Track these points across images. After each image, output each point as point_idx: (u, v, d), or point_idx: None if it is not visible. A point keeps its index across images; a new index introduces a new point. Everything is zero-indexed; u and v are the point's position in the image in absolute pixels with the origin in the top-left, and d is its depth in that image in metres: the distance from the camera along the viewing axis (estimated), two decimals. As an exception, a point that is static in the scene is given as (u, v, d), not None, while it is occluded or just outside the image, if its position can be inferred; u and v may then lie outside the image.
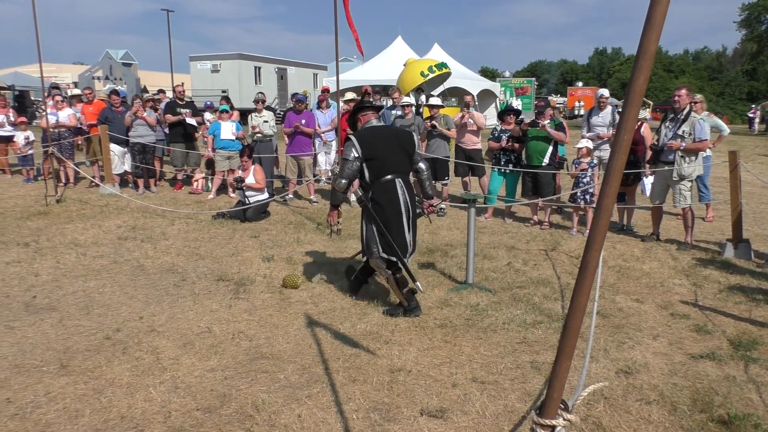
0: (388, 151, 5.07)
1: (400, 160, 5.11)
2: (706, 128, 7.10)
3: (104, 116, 11.05)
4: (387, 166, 5.03)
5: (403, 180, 5.07)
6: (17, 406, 3.49)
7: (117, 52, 48.54)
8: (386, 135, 5.23)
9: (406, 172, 5.18)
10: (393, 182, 5.01)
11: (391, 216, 4.97)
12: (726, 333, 4.68)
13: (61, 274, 6.04)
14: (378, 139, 5.11)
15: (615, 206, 8.37)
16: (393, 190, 5.00)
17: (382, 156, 5.03)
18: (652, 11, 1.23)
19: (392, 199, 4.99)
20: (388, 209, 4.98)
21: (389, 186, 5.01)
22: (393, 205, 4.99)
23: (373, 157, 5.01)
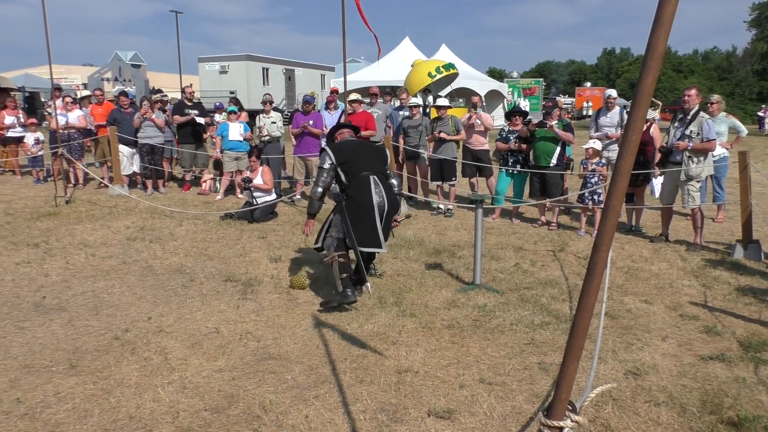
0: (360, 154, 5.44)
1: (374, 162, 5.44)
2: (714, 128, 7.05)
3: (113, 117, 11.11)
4: (361, 166, 5.33)
5: (378, 178, 5.32)
6: (27, 406, 3.51)
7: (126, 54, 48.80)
8: (359, 144, 5.71)
9: (382, 173, 5.42)
10: (367, 178, 5.27)
11: (363, 210, 5.19)
12: (736, 334, 4.65)
13: (70, 275, 6.08)
14: (351, 146, 5.53)
15: (623, 207, 8.35)
16: (367, 185, 5.23)
17: (355, 158, 5.37)
18: (660, 10, 1.23)
19: (365, 193, 5.21)
20: (360, 203, 5.20)
21: (363, 182, 5.25)
22: (365, 200, 5.19)
23: (347, 160, 5.33)
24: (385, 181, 5.41)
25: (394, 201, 5.43)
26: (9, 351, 4.27)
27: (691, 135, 7.00)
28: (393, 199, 5.39)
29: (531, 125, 8.67)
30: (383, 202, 5.25)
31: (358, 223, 5.20)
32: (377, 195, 5.24)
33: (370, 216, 5.19)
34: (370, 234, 5.21)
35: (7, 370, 3.96)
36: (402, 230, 8.15)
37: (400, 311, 5.09)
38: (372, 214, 5.19)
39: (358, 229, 5.18)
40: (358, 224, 5.20)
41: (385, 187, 5.32)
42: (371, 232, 5.21)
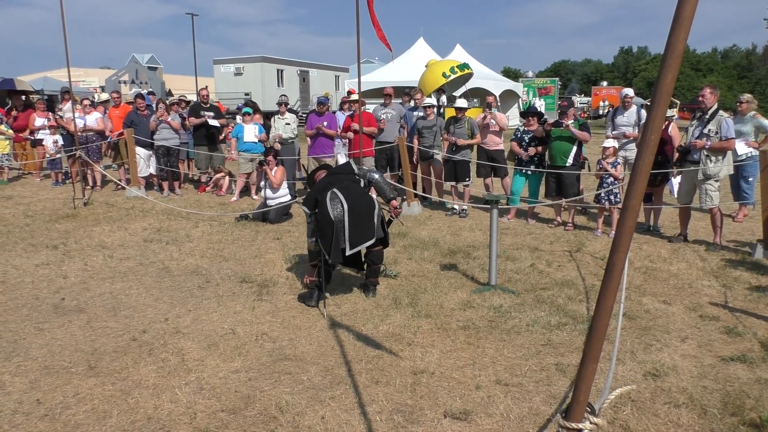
0: (329, 185, 5.45)
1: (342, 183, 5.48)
2: (732, 127, 6.95)
3: (130, 120, 11.21)
4: (324, 191, 5.38)
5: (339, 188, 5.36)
6: (47, 407, 3.55)
7: (143, 56, 49.28)
8: (328, 177, 5.68)
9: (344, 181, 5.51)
10: (324, 199, 5.31)
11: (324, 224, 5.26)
12: (757, 335, 4.58)
13: (88, 276, 6.14)
14: (320, 185, 5.54)
15: (642, 207, 8.27)
16: (324, 204, 5.29)
17: (324, 191, 5.38)
18: (680, 9, 1.21)
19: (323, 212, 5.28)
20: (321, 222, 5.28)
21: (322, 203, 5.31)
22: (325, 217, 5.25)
23: (317, 199, 5.39)
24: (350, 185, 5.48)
25: (362, 200, 5.40)
26: (29, 352, 4.32)
27: (709, 134, 6.92)
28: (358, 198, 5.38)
29: (547, 124, 8.61)
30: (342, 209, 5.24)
31: (324, 236, 5.28)
32: (335, 209, 5.25)
33: (330, 227, 5.22)
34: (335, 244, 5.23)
35: (27, 372, 4.01)
36: (417, 231, 8.14)
37: (415, 312, 5.08)
38: (331, 224, 5.21)
39: (326, 242, 5.27)
40: (324, 238, 5.28)
41: (344, 193, 5.32)
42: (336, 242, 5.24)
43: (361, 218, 5.34)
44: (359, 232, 5.32)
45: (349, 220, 5.25)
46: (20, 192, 11.59)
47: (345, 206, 5.25)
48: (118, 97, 12.91)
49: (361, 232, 5.34)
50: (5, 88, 19.32)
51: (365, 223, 5.37)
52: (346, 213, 5.24)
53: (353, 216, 5.28)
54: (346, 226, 5.23)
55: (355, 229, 5.28)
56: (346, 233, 5.24)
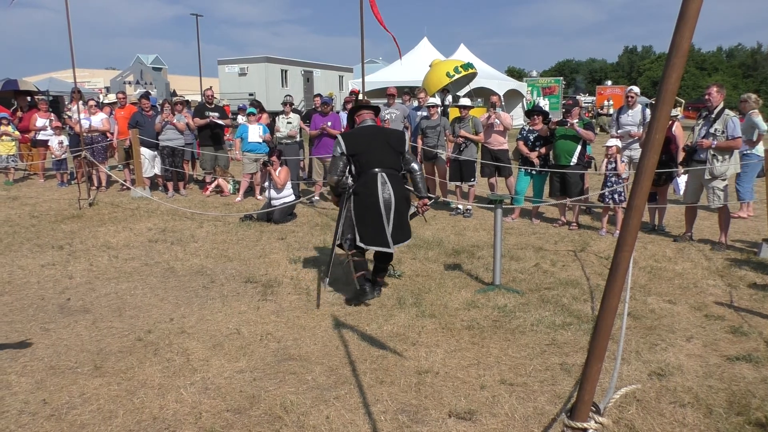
0: (373, 147, 5.33)
1: (385, 156, 5.34)
2: (738, 126, 6.92)
3: (135, 120, 11.25)
4: (371, 161, 5.26)
5: (388, 174, 5.26)
6: (53, 407, 3.57)
7: (147, 57, 49.42)
8: (373, 133, 5.51)
9: (392, 167, 5.36)
10: (375, 175, 5.22)
11: (369, 208, 5.17)
12: (763, 335, 4.56)
13: (94, 277, 6.16)
14: (364, 136, 5.43)
15: (646, 206, 8.25)
16: (374, 183, 5.19)
17: (366, 151, 5.29)
18: (685, 7, 1.21)
19: (371, 191, 5.18)
20: (366, 201, 5.19)
21: (371, 179, 5.21)
22: (371, 198, 5.17)
23: (357, 153, 5.28)
24: (396, 176, 5.34)
25: (404, 196, 5.36)
26: (35, 352, 4.34)
27: (715, 133, 6.90)
28: (402, 194, 5.33)
29: (551, 123, 8.60)
30: (390, 199, 5.19)
31: (363, 221, 5.20)
32: (384, 192, 5.18)
33: (376, 214, 5.16)
34: (376, 232, 5.19)
35: (33, 372, 4.03)
36: (421, 231, 8.13)
37: (419, 312, 5.08)
38: (378, 211, 5.16)
39: (363, 226, 5.20)
40: (363, 222, 5.20)
41: (393, 183, 5.25)
42: (378, 231, 5.19)
43: (403, 216, 5.34)
44: (400, 229, 5.30)
45: (395, 216, 5.21)
46: (26, 193, 11.63)
47: (393, 200, 5.19)
48: (123, 98, 12.95)
49: (402, 231, 5.33)
50: (9, 88, 19.41)
51: (405, 221, 5.40)
52: (393, 207, 5.19)
53: (398, 212, 5.24)
54: (390, 221, 5.18)
55: (397, 226, 5.26)
56: (389, 228, 5.19)
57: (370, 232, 5.19)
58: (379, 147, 5.37)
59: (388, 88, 11.14)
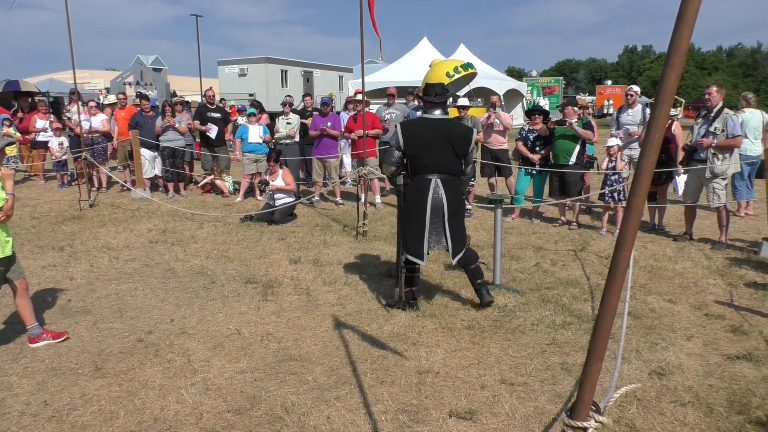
0: (433, 148, 4.87)
1: (444, 160, 4.89)
2: (738, 124, 6.92)
3: (135, 121, 11.25)
4: (428, 165, 4.89)
5: (443, 180, 4.90)
6: (54, 409, 3.57)
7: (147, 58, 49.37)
8: (437, 131, 4.92)
9: (449, 172, 4.95)
10: (428, 182, 4.88)
11: (414, 215, 4.93)
12: (763, 333, 4.57)
13: (94, 278, 6.17)
14: (425, 136, 4.89)
15: (646, 206, 8.24)
16: (425, 189, 4.87)
17: (424, 154, 4.88)
18: (684, 7, 1.21)
19: (421, 198, 4.88)
20: (413, 208, 4.93)
21: (423, 185, 4.90)
22: (419, 205, 4.89)
23: (414, 154, 4.89)
24: (452, 181, 4.95)
25: (460, 201, 5.00)
26: (36, 354, 4.34)
27: (715, 132, 6.90)
28: (457, 199, 4.96)
29: (550, 123, 8.60)
30: (442, 206, 4.87)
31: (409, 227, 4.98)
32: (435, 200, 4.86)
33: (420, 222, 4.89)
34: (416, 241, 4.94)
35: (34, 373, 4.04)
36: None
37: (419, 312, 5.08)
38: (422, 220, 4.88)
39: (407, 232, 4.98)
40: (408, 228, 4.99)
41: (447, 189, 4.88)
42: (417, 240, 4.93)
43: (459, 225, 5.02)
44: (457, 236, 4.98)
45: (450, 225, 4.91)
46: (26, 194, 11.64)
47: (446, 207, 4.87)
48: (123, 99, 12.96)
49: (459, 239, 5.00)
50: (10, 89, 19.39)
51: (462, 229, 5.07)
52: (446, 215, 4.88)
53: (453, 221, 4.93)
54: (446, 229, 4.90)
55: (454, 235, 4.95)
56: (447, 238, 4.92)
57: (411, 239, 4.95)
58: (439, 149, 4.89)
59: (388, 88, 11.14)
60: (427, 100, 5.09)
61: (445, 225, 4.92)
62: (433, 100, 5.03)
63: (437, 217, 4.89)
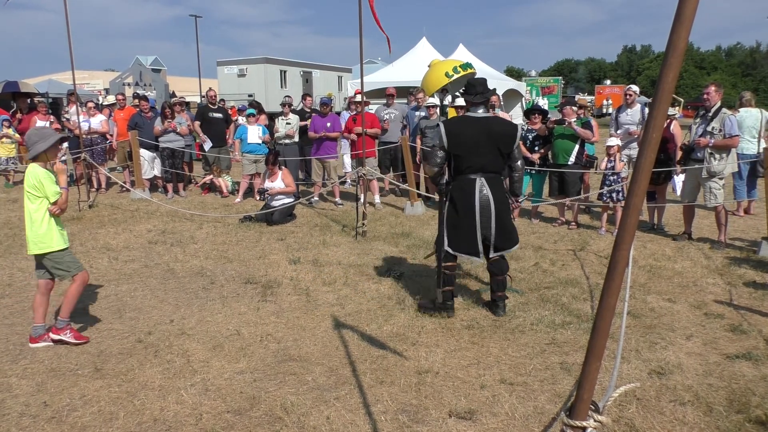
0: (478, 149, 4.78)
1: (489, 159, 4.81)
2: (736, 124, 6.93)
3: (134, 122, 11.25)
4: (473, 166, 4.79)
5: (487, 179, 4.81)
6: (54, 410, 3.57)
7: (146, 59, 49.37)
8: (481, 131, 4.80)
9: (494, 172, 4.87)
10: (473, 182, 4.79)
11: (462, 215, 4.81)
12: (762, 332, 4.57)
13: (93, 278, 6.16)
14: (471, 136, 4.78)
15: (645, 205, 8.24)
16: (471, 190, 4.79)
17: (469, 154, 4.77)
18: (681, 7, 1.22)
19: (468, 199, 4.79)
20: (460, 208, 4.82)
21: (468, 185, 4.80)
22: (467, 205, 4.79)
23: (458, 154, 4.79)
24: (497, 180, 4.88)
25: (504, 200, 4.89)
26: (36, 355, 4.34)
27: (713, 131, 6.91)
28: (502, 197, 4.87)
29: (549, 122, 8.60)
30: (489, 204, 4.77)
31: (456, 226, 4.86)
32: (482, 198, 4.77)
33: (471, 220, 4.79)
34: (467, 239, 4.84)
35: (33, 374, 4.03)
36: (420, 231, 8.14)
37: (419, 312, 5.08)
38: (473, 217, 4.78)
39: (454, 232, 4.87)
40: (455, 227, 4.87)
41: (492, 187, 4.81)
42: (469, 238, 4.84)
43: (505, 222, 4.89)
44: (503, 235, 4.89)
45: (496, 222, 4.81)
46: (25, 195, 11.62)
47: (492, 205, 4.78)
48: (123, 100, 12.95)
49: (505, 237, 4.90)
50: (9, 90, 19.36)
51: (508, 226, 4.96)
52: (492, 213, 4.78)
53: (499, 218, 4.83)
54: (492, 228, 4.81)
55: (500, 233, 4.86)
56: (492, 235, 4.83)
57: (461, 238, 4.86)
58: (484, 150, 4.79)
59: (387, 89, 11.15)
60: (469, 99, 4.95)
61: (491, 224, 4.82)
62: (475, 99, 4.90)
63: (485, 216, 4.81)
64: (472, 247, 4.87)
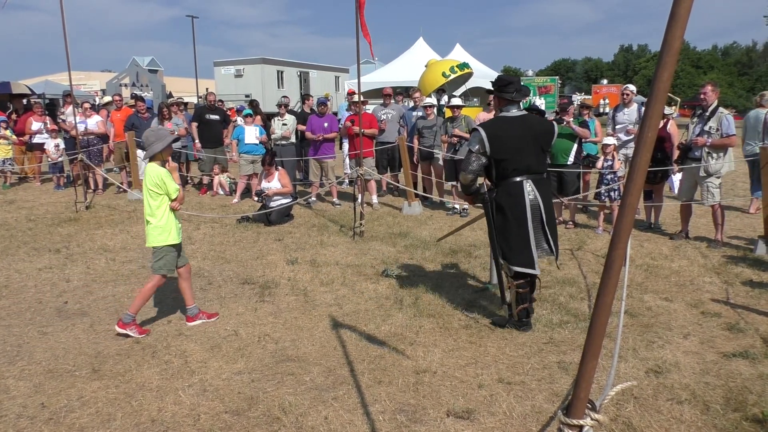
0: (521, 150, 4.51)
1: (533, 159, 4.55)
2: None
3: (131, 123, 11.24)
4: (519, 168, 4.51)
5: (534, 181, 4.56)
6: (51, 411, 3.56)
7: (143, 59, 49.25)
8: (523, 130, 4.55)
9: (538, 172, 4.62)
10: (520, 185, 4.51)
11: (513, 223, 4.52)
12: (759, 331, 4.58)
13: (91, 280, 6.16)
14: (513, 137, 4.51)
15: (642, 204, 8.25)
16: (519, 194, 4.50)
17: (514, 157, 4.49)
18: (676, 7, 1.22)
19: (518, 204, 4.51)
20: (509, 215, 4.53)
21: (515, 189, 4.51)
22: (517, 211, 4.51)
23: (502, 158, 4.49)
24: (543, 180, 4.64)
25: (550, 203, 4.63)
26: (33, 356, 4.33)
27: (710, 131, 6.92)
28: (550, 199, 4.64)
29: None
30: (539, 207, 4.52)
31: (507, 237, 4.56)
32: (532, 202, 4.50)
33: (523, 230, 4.49)
34: (521, 251, 4.51)
35: (31, 375, 4.03)
36: (418, 231, 8.15)
37: (417, 312, 5.09)
38: (525, 227, 4.48)
39: (506, 243, 4.57)
40: (506, 239, 4.57)
41: (540, 189, 4.55)
42: (523, 249, 4.51)
43: (554, 225, 4.69)
44: (555, 239, 4.63)
45: (549, 226, 4.56)
46: (22, 196, 11.61)
47: (542, 208, 4.52)
48: (120, 101, 12.94)
49: (556, 241, 4.64)
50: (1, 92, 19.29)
51: (556, 229, 4.74)
52: (544, 217, 4.53)
53: (550, 221, 4.59)
54: (547, 232, 4.55)
55: (553, 236, 4.60)
56: (549, 240, 4.55)
57: (514, 250, 4.53)
58: (528, 149, 4.53)
59: (384, 89, 11.14)
60: (505, 98, 4.65)
61: (545, 228, 4.56)
62: (516, 97, 4.63)
63: (536, 221, 4.54)
64: (528, 259, 4.51)
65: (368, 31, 7.08)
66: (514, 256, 4.55)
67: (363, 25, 7.06)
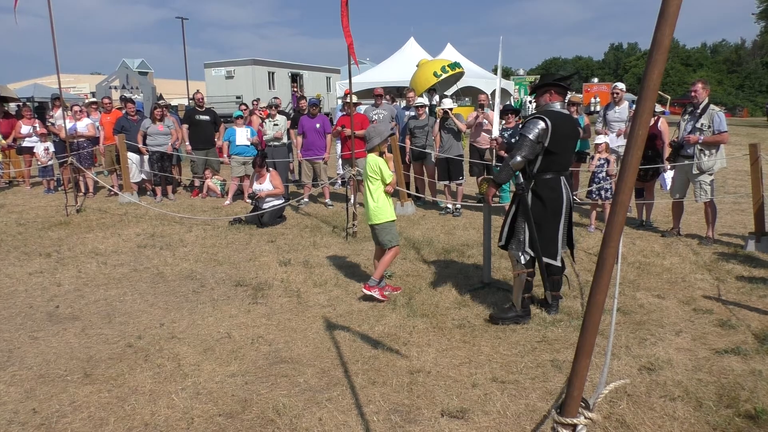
0: (569, 147, 4.75)
1: (571, 157, 4.87)
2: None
3: (120, 125, 11.19)
4: (564, 164, 4.73)
5: (565, 177, 4.77)
6: (43, 416, 3.53)
7: (133, 62, 49.08)
8: (571, 127, 4.77)
9: (568, 170, 4.87)
10: (560, 181, 4.70)
11: (550, 215, 4.69)
12: (751, 327, 4.61)
13: (82, 284, 6.12)
14: (565, 130, 4.66)
15: (634, 202, 8.28)
16: (558, 188, 4.68)
17: (563, 150, 4.67)
18: (665, 5, 1.22)
19: (558, 198, 4.68)
20: (549, 207, 4.68)
21: (557, 184, 4.69)
22: (556, 205, 4.69)
23: (555, 151, 4.61)
24: (569, 179, 4.85)
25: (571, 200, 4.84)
26: (24, 361, 4.30)
27: (702, 128, 6.96)
28: (571, 197, 4.81)
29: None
30: (570, 205, 4.75)
31: (540, 227, 4.70)
32: (567, 200, 4.72)
33: (556, 223, 4.70)
34: (550, 242, 4.73)
35: (22, 381, 3.99)
36: (411, 231, 8.14)
37: (410, 312, 5.08)
38: (558, 220, 4.69)
39: (539, 234, 4.70)
40: (538, 229, 4.70)
41: (570, 188, 4.80)
42: (551, 240, 4.73)
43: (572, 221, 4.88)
44: (572, 234, 4.90)
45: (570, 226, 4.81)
46: (12, 200, 11.53)
47: (570, 205, 4.75)
48: (109, 103, 12.86)
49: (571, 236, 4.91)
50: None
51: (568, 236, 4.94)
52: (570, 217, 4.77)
53: (571, 218, 4.84)
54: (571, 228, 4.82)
55: (569, 232, 4.85)
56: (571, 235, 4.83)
57: (544, 240, 4.71)
58: (572, 146, 4.83)
59: (375, 89, 11.14)
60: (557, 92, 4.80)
61: (570, 225, 4.83)
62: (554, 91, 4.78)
63: (567, 217, 4.77)
64: (554, 251, 4.75)
65: (350, 33, 7.05)
66: (543, 246, 4.75)
67: (345, 28, 7.03)
